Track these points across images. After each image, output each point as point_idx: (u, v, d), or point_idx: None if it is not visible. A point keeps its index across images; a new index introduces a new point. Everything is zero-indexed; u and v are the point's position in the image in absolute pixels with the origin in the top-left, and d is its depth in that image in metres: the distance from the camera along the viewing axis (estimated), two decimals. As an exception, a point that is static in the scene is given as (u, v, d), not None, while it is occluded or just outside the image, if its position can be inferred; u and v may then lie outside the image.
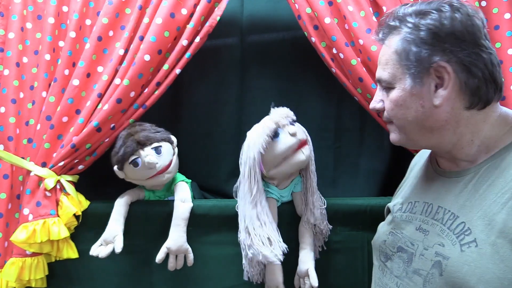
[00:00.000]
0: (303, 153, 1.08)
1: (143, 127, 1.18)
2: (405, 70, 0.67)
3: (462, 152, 0.69)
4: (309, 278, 1.08)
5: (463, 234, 0.63)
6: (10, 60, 1.21)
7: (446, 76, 0.65)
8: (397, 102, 0.69)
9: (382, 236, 0.82)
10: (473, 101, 0.66)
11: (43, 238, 1.11)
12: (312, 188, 1.14)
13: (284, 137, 1.06)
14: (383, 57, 0.72)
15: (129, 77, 1.15)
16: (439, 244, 0.66)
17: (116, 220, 1.16)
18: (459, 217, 0.65)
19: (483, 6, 1.13)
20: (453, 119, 0.67)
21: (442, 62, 0.64)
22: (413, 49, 0.66)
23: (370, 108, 0.77)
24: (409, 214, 0.77)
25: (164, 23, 1.16)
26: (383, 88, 0.74)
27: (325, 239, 1.18)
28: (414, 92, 0.67)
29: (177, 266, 1.15)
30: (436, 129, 0.68)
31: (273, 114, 1.09)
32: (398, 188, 0.93)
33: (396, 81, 0.69)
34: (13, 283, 1.15)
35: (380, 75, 0.72)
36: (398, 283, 0.72)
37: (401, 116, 0.70)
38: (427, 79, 0.66)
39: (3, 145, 1.20)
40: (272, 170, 1.09)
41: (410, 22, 0.67)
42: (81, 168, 1.22)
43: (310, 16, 1.18)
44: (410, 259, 0.71)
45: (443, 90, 0.65)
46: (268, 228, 1.03)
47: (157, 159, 1.13)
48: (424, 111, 0.67)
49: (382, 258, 0.79)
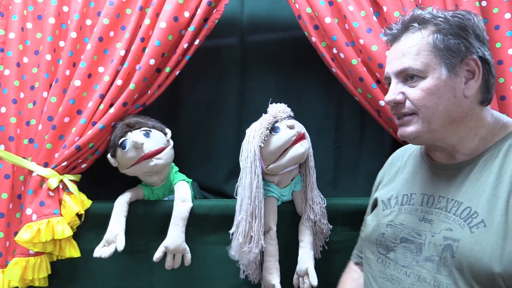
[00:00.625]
0: (302, 146, 1.09)
1: (137, 116, 1.21)
2: (443, 60, 0.70)
3: (465, 145, 0.74)
4: (309, 277, 1.08)
5: (470, 217, 0.67)
6: (11, 60, 1.21)
7: (477, 69, 0.70)
8: (430, 90, 0.71)
9: (378, 229, 0.83)
10: (486, 98, 0.72)
11: (47, 238, 1.12)
12: (312, 184, 1.15)
13: (283, 130, 1.07)
14: (413, 47, 0.72)
15: (135, 81, 1.16)
16: (447, 229, 0.70)
17: (117, 220, 1.16)
18: (463, 203, 0.70)
19: (483, 6, 1.12)
20: (471, 112, 0.72)
21: (474, 56, 0.70)
22: (451, 41, 0.70)
23: (388, 100, 0.76)
24: (406, 206, 0.80)
25: (168, 27, 1.16)
26: (403, 80, 0.75)
27: (326, 238, 1.19)
28: (448, 82, 0.70)
29: (174, 265, 1.15)
30: (457, 120, 0.72)
31: (271, 108, 1.10)
32: (377, 182, 0.95)
33: (430, 70, 0.71)
34: (15, 283, 1.16)
35: (409, 65, 0.72)
36: (408, 272, 0.74)
37: (432, 105, 0.71)
38: (461, 71, 0.70)
39: (4, 145, 1.20)
40: (272, 164, 1.10)
41: (441, 17, 0.71)
42: (84, 167, 1.23)
43: (310, 16, 1.19)
44: (419, 249, 0.74)
45: (474, 82, 0.71)
46: (256, 225, 1.04)
47: (145, 140, 1.14)
48: (455, 101, 0.71)
49: (382, 250, 0.81)
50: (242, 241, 1.04)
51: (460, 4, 1.11)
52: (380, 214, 0.85)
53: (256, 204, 1.05)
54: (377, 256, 0.82)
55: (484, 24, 1.10)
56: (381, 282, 0.79)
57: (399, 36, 0.76)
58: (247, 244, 1.04)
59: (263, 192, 1.08)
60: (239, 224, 1.06)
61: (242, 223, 1.05)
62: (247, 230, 1.04)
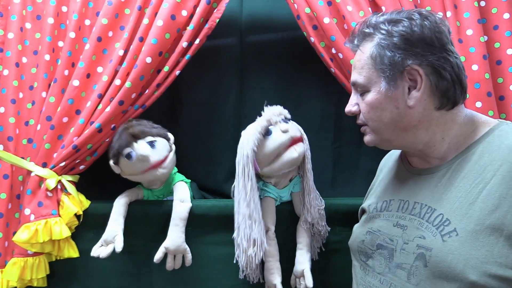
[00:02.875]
0: (295, 150, 1.08)
1: (140, 123, 1.19)
2: (380, 74, 0.71)
3: (434, 150, 0.73)
4: (305, 279, 1.08)
5: (442, 225, 0.66)
6: (10, 60, 1.21)
7: (419, 78, 0.69)
8: (372, 104, 0.73)
9: (359, 236, 0.84)
10: (443, 102, 0.70)
11: (45, 238, 1.11)
12: (309, 187, 1.14)
13: (276, 134, 1.06)
14: (359, 62, 0.75)
15: (131, 79, 1.15)
16: (420, 237, 0.68)
17: (115, 220, 1.16)
18: (436, 209, 0.68)
19: (482, 6, 1.13)
20: (425, 119, 0.71)
21: (414, 65, 0.69)
22: (387, 53, 0.70)
23: (346, 111, 0.80)
24: (385, 213, 0.80)
25: (165, 25, 1.16)
26: (358, 92, 0.77)
27: (323, 240, 1.19)
28: (389, 94, 0.71)
29: (175, 266, 1.15)
30: (410, 128, 0.72)
31: (266, 112, 1.10)
32: (369, 190, 0.96)
33: (372, 84, 0.73)
34: (13, 283, 1.16)
35: (355, 79, 0.76)
36: (382, 279, 0.74)
37: (376, 118, 0.73)
38: (401, 82, 0.70)
39: (2, 145, 1.20)
40: (266, 167, 1.10)
41: (384, 29, 0.71)
42: (82, 168, 1.23)
43: (309, 16, 1.19)
44: (391, 255, 0.73)
45: (416, 92, 0.70)
46: (256, 228, 1.04)
47: (151, 152, 1.13)
48: (398, 112, 0.71)
49: (362, 257, 0.81)
50: (247, 245, 1.04)
51: (458, 4, 1.11)
52: (362, 221, 0.87)
53: (252, 207, 1.04)
54: (359, 263, 0.83)
55: (483, 24, 1.11)
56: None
57: (358, 45, 0.78)
58: (251, 248, 1.04)
59: (258, 195, 1.07)
60: (240, 227, 1.05)
61: (242, 227, 1.05)
62: (249, 234, 1.04)
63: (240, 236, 1.05)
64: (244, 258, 1.04)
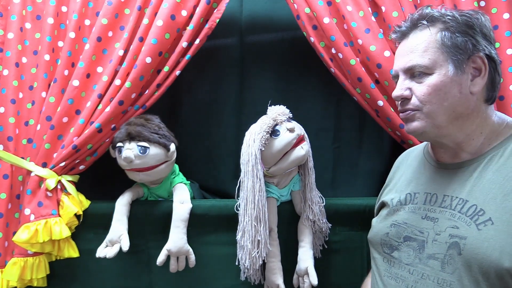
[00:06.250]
0: (302, 148, 1.09)
1: (146, 123, 1.16)
2: (450, 57, 0.71)
3: (471, 144, 0.75)
4: (309, 276, 1.08)
5: (476, 215, 0.68)
6: (10, 60, 1.21)
7: (483, 66, 0.72)
8: (436, 86, 0.72)
9: (383, 229, 0.84)
10: (491, 96, 0.74)
11: (45, 238, 1.12)
12: (311, 184, 1.14)
13: (283, 133, 1.07)
14: (421, 44, 0.74)
15: (131, 79, 1.16)
16: (452, 227, 0.70)
17: (119, 220, 1.16)
18: (469, 201, 0.70)
19: (482, 6, 1.12)
20: (476, 109, 0.73)
21: (481, 54, 0.71)
22: (458, 38, 0.71)
23: (396, 95, 0.77)
24: (410, 205, 0.81)
25: (165, 25, 1.16)
26: (411, 76, 0.76)
27: (326, 237, 1.19)
28: (455, 78, 0.71)
29: (179, 268, 1.14)
30: (463, 116, 0.73)
31: (270, 111, 1.10)
32: (384, 186, 0.96)
33: (437, 67, 0.72)
34: (14, 283, 1.16)
35: (416, 62, 0.74)
36: (411, 270, 0.75)
37: (437, 101, 0.73)
38: (468, 68, 0.72)
39: (2, 145, 1.20)
40: (273, 167, 1.10)
41: (449, 15, 0.73)
42: (82, 168, 1.23)
43: (309, 16, 1.19)
44: (421, 246, 0.74)
45: (480, 79, 0.72)
46: (261, 229, 1.04)
47: (137, 157, 1.12)
48: (460, 97, 0.72)
49: (386, 250, 0.82)
50: (251, 247, 1.04)
51: (458, 4, 1.11)
52: (384, 215, 0.87)
53: (260, 208, 1.04)
54: (382, 255, 0.83)
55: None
56: (386, 280, 0.80)
57: (408, 33, 0.77)
58: (255, 249, 1.04)
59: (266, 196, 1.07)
60: (245, 229, 1.05)
61: (247, 228, 1.05)
62: (254, 235, 1.04)
63: (245, 237, 1.04)
64: (248, 260, 1.04)
